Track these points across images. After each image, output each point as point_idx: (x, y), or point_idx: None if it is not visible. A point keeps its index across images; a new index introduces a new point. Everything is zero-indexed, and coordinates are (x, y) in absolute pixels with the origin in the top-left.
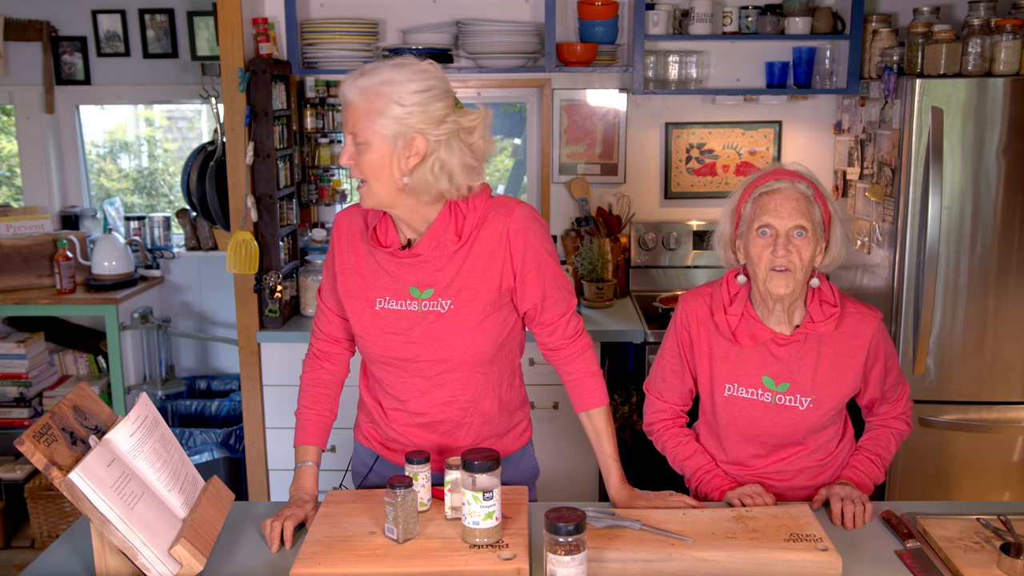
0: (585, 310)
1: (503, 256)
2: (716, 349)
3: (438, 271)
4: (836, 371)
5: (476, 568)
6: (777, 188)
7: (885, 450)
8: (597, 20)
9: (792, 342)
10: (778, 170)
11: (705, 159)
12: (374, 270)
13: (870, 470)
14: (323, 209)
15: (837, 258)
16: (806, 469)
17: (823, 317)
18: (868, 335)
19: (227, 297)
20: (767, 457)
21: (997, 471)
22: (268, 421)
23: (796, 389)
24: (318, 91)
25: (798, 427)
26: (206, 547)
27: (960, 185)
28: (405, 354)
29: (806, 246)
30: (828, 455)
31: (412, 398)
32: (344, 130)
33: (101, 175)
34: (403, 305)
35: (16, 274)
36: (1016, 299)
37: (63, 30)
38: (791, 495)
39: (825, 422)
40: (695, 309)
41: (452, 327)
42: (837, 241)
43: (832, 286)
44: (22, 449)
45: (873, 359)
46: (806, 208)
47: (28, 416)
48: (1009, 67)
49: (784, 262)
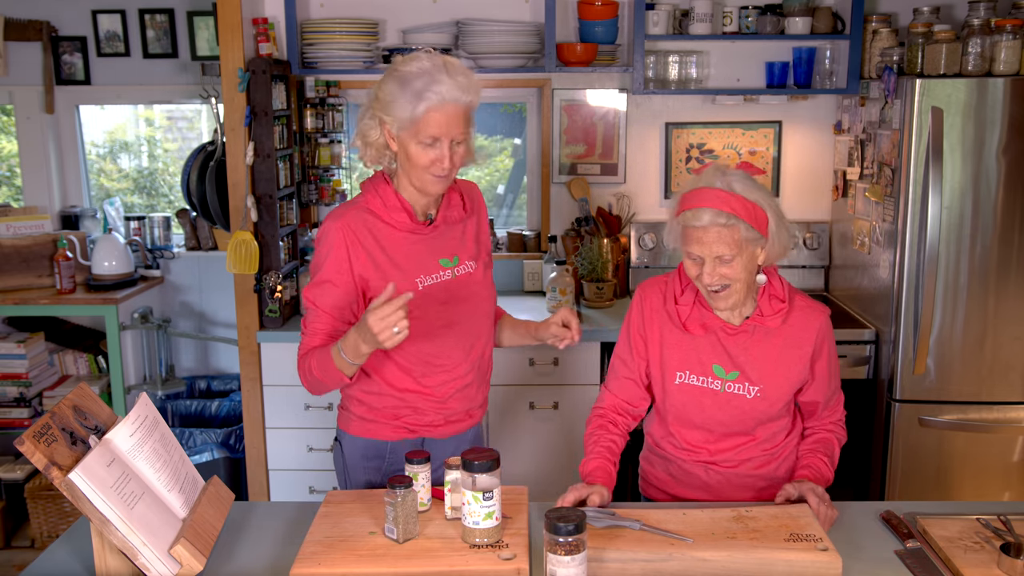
0: (585, 310)
1: (478, 217)
2: (668, 337)
3: (456, 239)
4: (784, 362)
5: (476, 568)
6: (696, 225)
7: (832, 453)
8: (597, 20)
9: (741, 332)
10: (701, 192)
11: (705, 159)
12: (404, 256)
13: (824, 471)
14: (323, 209)
15: (779, 251)
16: (754, 458)
17: (771, 312)
18: (815, 329)
19: (227, 297)
20: (716, 443)
21: (997, 471)
22: (268, 421)
23: (745, 378)
24: (318, 91)
25: (746, 416)
26: (206, 547)
27: (960, 185)
28: (449, 318)
29: (733, 266)
30: (775, 446)
31: (456, 363)
32: (444, 134)
33: (101, 175)
34: (439, 276)
35: (16, 274)
36: (1016, 299)
37: (63, 30)
38: (736, 482)
39: (773, 413)
40: (649, 297)
41: (480, 285)
42: (774, 236)
43: (782, 280)
44: (22, 449)
45: (818, 354)
46: (728, 236)
47: (28, 416)
48: (1009, 67)
49: (716, 284)
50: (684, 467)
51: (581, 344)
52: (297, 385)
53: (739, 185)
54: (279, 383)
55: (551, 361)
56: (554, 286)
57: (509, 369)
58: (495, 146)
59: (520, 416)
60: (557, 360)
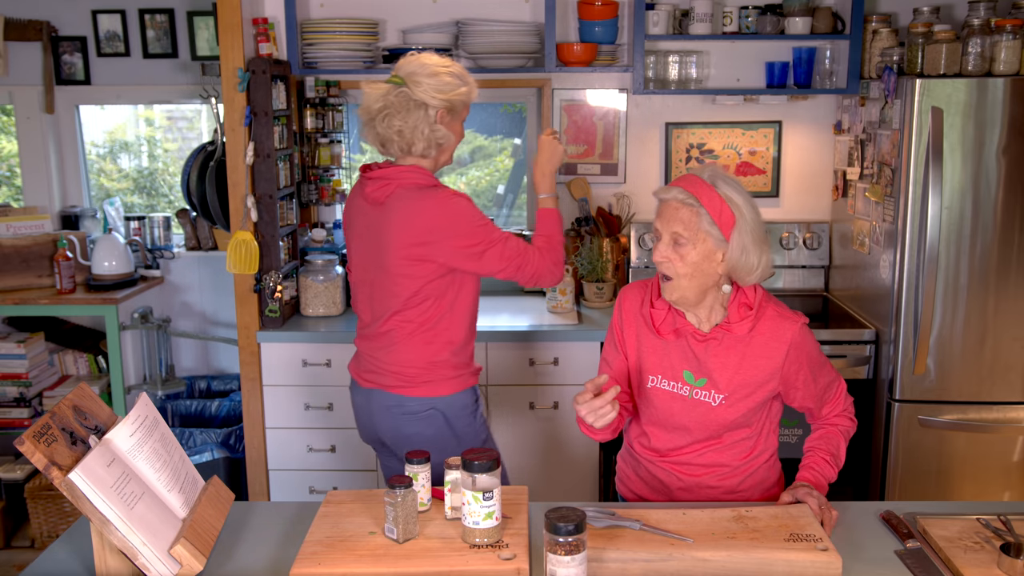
0: (585, 310)
1: None
2: (644, 341)
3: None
4: (751, 371)
5: (476, 568)
6: (663, 198)
7: (836, 448)
8: (597, 20)
9: (710, 339)
10: (685, 176)
11: (705, 159)
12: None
13: (825, 470)
14: (323, 209)
15: (745, 268)
16: (719, 467)
17: (739, 319)
18: (787, 340)
19: (227, 297)
20: (685, 448)
21: (997, 471)
22: (268, 421)
23: (712, 385)
24: (318, 91)
25: (711, 422)
26: (206, 547)
27: (960, 185)
28: None
29: (685, 253)
30: (743, 459)
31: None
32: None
33: (101, 175)
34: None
35: (16, 274)
36: (1016, 299)
37: (63, 30)
38: (700, 493)
39: (738, 420)
40: (628, 300)
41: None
42: (738, 247)
43: (757, 289)
44: (22, 449)
45: (795, 365)
46: (687, 216)
47: (28, 416)
48: (1009, 67)
49: (664, 268)
50: (650, 469)
51: (581, 344)
52: (297, 385)
53: (722, 184)
54: (279, 383)
55: (551, 361)
56: (554, 286)
57: (509, 369)
58: (495, 146)
59: (520, 416)
60: (557, 360)
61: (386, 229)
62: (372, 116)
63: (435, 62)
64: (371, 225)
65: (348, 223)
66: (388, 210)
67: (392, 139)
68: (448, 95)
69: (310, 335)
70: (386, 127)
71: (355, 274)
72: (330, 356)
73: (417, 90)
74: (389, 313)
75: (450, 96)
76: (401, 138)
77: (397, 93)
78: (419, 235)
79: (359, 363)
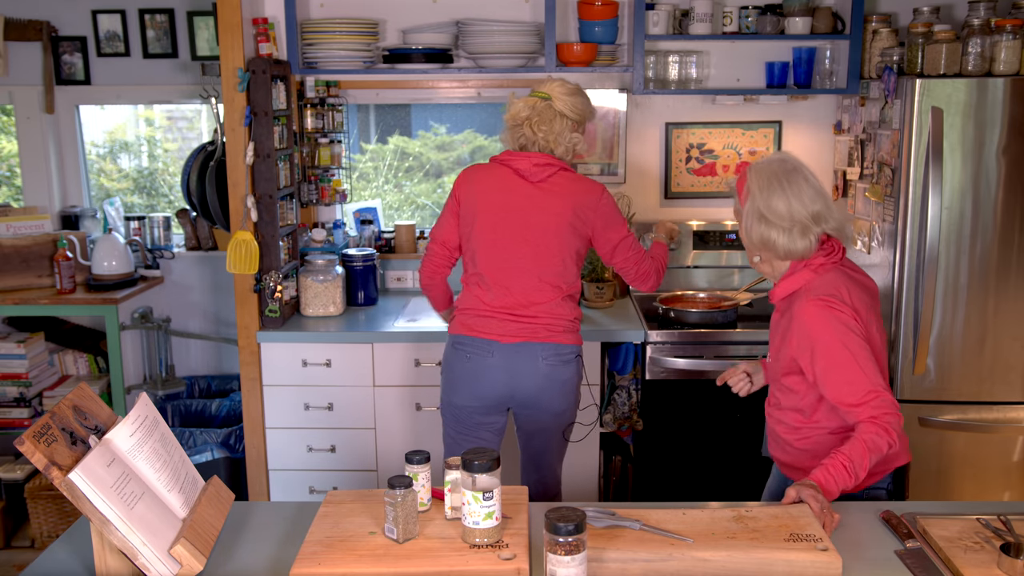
0: (585, 310)
1: None
2: None
3: None
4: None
5: (476, 568)
6: None
7: (860, 458)
8: (597, 20)
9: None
10: None
11: (705, 159)
12: None
13: (840, 476)
14: (323, 209)
15: (751, 244)
16: (784, 417)
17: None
18: (803, 321)
19: (227, 297)
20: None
21: (997, 471)
22: (268, 421)
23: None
24: (318, 91)
25: (767, 373)
26: (206, 547)
27: (960, 185)
28: None
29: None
30: (799, 411)
31: None
32: None
33: (101, 175)
34: None
35: (16, 274)
36: (1016, 299)
37: (63, 30)
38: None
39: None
40: None
41: None
42: (742, 214)
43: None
44: (22, 449)
45: (808, 349)
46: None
47: (28, 416)
48: (1009, 67)
49: None
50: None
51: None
52: (297, 385)
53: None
54: (279, 383)
55: None
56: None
57: None
58: (495, 146)
59: None
60: None
61: (550, 204)
62: (519, 123)
63: (571, 86)
64: (531, 196)
65: (483, 195)
66: (553, 186)
67: (536, 141)
68: (580, 111)
69: (310, 335)
70: (532, 132)
71: (499, 239)
72: (330, 356)
73: (558, 103)
74: (551, 274)
75: (582, 112)
76: (546, 142)
77: (545, 105)
78: (581, 212)
79: (491, 325)
